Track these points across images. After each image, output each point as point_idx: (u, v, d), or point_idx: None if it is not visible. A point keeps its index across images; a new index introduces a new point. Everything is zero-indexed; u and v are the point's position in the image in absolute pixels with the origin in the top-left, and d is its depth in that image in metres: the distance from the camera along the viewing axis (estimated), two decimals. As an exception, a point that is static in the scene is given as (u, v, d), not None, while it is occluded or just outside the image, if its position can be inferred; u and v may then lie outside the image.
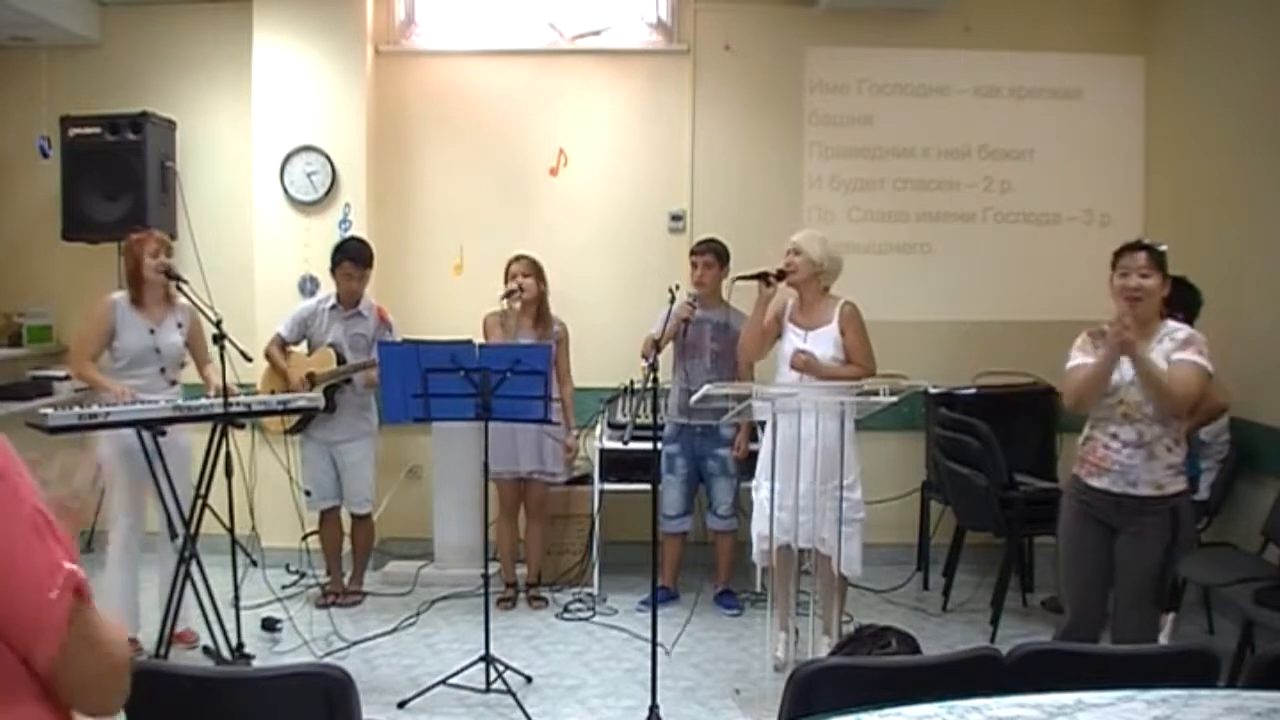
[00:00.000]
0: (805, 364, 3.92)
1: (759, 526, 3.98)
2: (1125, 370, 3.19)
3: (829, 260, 4.01)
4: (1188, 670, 2.09)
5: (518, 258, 4.80)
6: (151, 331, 4.12)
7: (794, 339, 4.02)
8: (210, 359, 4.08)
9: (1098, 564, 3.30)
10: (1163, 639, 4.00)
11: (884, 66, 5.52)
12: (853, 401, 3.67)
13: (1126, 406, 3.19)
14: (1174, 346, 3.17)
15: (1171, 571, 3.24)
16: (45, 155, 5.20)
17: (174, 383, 4.21)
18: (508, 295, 4.68)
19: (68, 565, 1.14)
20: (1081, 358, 3.34)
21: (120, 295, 4.16)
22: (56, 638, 1.11)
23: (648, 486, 3.87)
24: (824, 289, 4.06)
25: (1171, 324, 3.27)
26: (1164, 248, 3.26)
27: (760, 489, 3.98)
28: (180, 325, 4.20)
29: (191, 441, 4.20)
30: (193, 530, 3.84)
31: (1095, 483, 3.28)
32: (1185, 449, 3.24)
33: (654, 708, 3.54)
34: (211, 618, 3.85)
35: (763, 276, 4.00)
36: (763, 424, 4.35)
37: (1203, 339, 3.22)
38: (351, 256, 4.72)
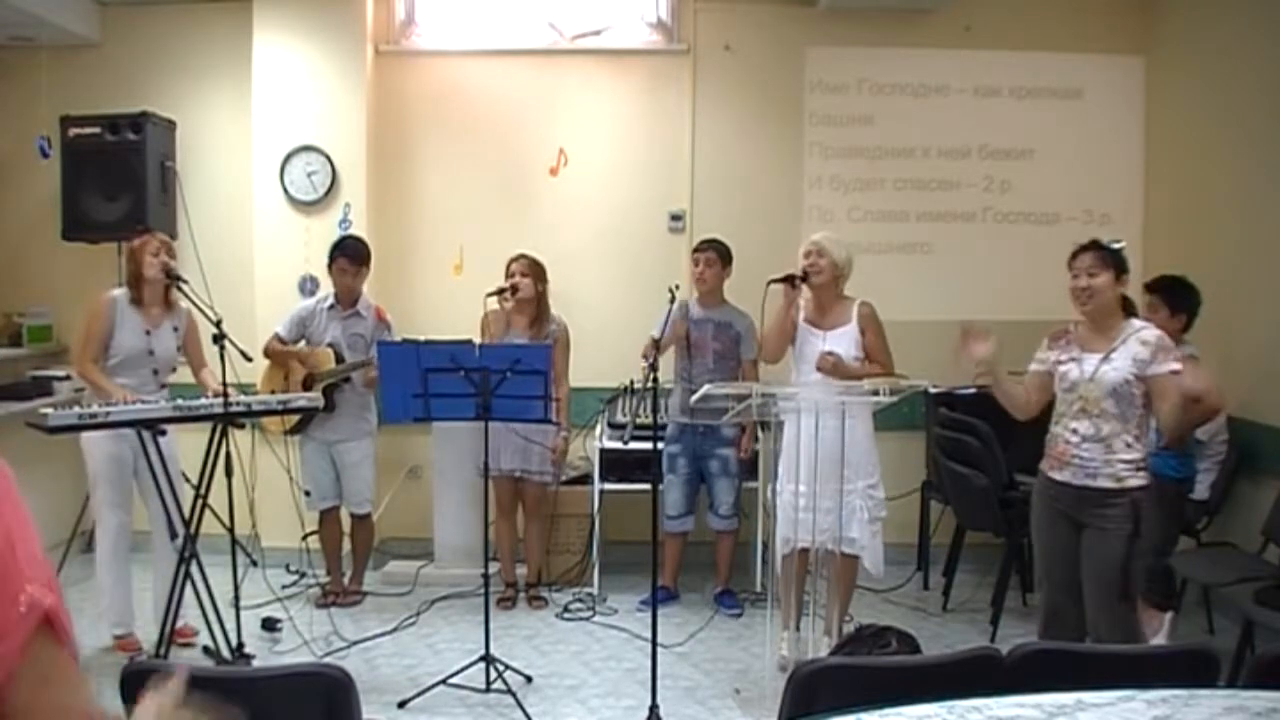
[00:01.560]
0: (834, 366, 3.91)
1: (785, 530, 3.93)
2: (1086, 367, 3.26)
3: (848, 263, 4.02)
4: (1188, 670, 2.09)
5: (518, 257, 4.80)
6: (147, 333, 4.12)
7: (813, 340, 4.00)
8: (206, 363, 4.08)
9: (1069, 557, 3.34)
10: (1163, 639, 4.00)
11: (884, 66, 5.52)
12: (852, 401, 3.67)
13: (1085, 402, 3.25)
14: (1146, 354, 3.18)
15: (1136, 563, 3.25)
16: (45, 155, 5.19)
17: (164, 386, 4.21)
18: (498, 293, 4.69)
19: (30, 589, 1.03)
20: (1038, 364, 3.45)
21: (120, 292, 4.16)
22: (6, 662, 1.00)
23: (647, 486, 3.86)
24: (840, 290, 4.06)
25: (1135, 323, 3.32)
26: (1118, 245, 3.31)
27: (783, 492, 3.93)
28: (176, 329, 4.19)
29: (179, 445, 4.18)
30: (192, 530, 3.84)
31: (1057, 476, 3.34)
32: (1145, 447, 3.28)
33: (654, 708, 3.54)
34: (211, 618, 3.85)
35: (789, 279, 3.96)
36: (765, 425, 4.35)
37: (1169, 339, 3.28)
38: (346, 253, 4.71)
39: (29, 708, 1.02)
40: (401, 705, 3.74)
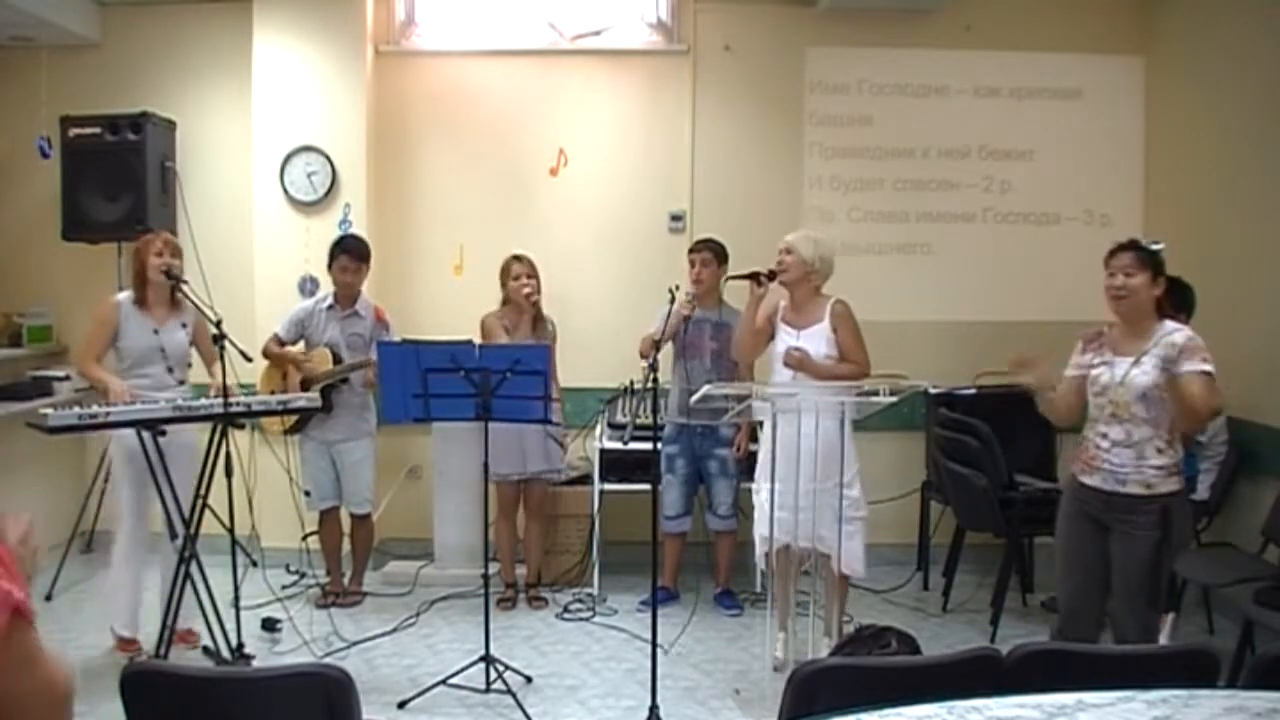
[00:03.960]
0: (799, 361, 3.94)
1: (761, 528, 3.96)
2: (1117, 370, 3.22)
3: (821, 261, 4.03)
4: (1188, 670, 2.09)
5: (518, 257, 4.80)
6: (156, 331, 4.12)
7: (786, 338, 4.03)
8: (218, 358, 4.08)
9: (1090, 561, 3.32)
10: (1163, 639, 4.00)
11: (884, 66, 5.52)
12: (853, 401, 3.67)
13: (1115, 406, 3.22)
14: (1175, 354, 3.14)
15: (1165, 570, 3.24)
16: (45, 155, 5.20)
17: (182, 382, 4.20)
18: (527, 298, 4.68)
19: (4, 584, 1.14)
20: (1073, 369, 3.41)
21: (124, 296, 4.16)
22: None
23: (648, 486, 3.87)
24: (815, 289, 4.07)
25: (1169, 324, 3.26)
26: (1157, 246, 3.27)
27: (761, 490, 3.97)
28: (185, 326, 4.19)
29: (198, 441, 4.20)
30: (193, 530, 3.84)
31: (1087, 480, 3.32)
32: (1179, 451, 3.24)
33: (654, 708, 3.54)
34: (211, 618, 3.85)
35: (754, 276, 4.01)
36: (762, 424, 4.35)
37: (1200, 341, 3.20)
38: (348, 250, 4.71)
39: (17, 689, 1.15)
40: (401, 705, 3.74)
